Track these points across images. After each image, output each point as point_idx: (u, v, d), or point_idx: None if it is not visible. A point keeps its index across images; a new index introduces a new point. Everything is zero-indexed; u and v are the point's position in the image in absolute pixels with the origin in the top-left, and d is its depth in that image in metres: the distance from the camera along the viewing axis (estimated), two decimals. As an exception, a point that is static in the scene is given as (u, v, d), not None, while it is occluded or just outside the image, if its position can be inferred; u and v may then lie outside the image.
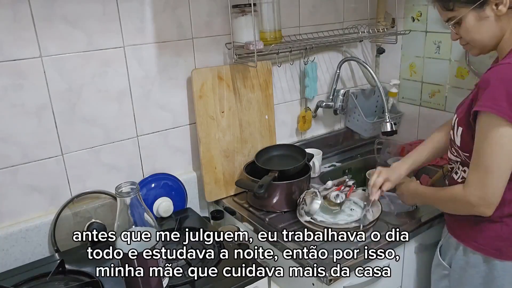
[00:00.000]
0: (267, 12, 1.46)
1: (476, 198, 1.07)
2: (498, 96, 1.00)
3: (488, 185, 1.04)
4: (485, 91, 1.02)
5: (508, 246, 1.13)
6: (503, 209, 1.11)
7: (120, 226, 0.98)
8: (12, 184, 1.25)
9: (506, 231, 1.13)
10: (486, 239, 1.15)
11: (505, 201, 1.10)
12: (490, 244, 1.15)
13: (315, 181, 1.69)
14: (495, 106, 1.00)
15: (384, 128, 1.66)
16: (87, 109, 1.32)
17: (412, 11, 1.83)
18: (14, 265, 1.25)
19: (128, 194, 0.96)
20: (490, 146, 1.02)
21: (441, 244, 1.30)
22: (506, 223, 1.13)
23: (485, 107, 1.02)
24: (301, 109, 1.83)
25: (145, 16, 1.35)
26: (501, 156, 1.02)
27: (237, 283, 1.11)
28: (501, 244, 1.14)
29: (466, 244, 1.19)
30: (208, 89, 1.48)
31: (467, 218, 1.16)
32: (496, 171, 1.03)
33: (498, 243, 1.14)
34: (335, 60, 1.86)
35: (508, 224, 1.13)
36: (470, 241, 1.18)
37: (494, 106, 1.00)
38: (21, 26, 1.16)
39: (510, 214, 1.12)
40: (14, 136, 1.22)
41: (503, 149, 1.01)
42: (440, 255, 1.29)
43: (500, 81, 1.01)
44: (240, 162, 1.60)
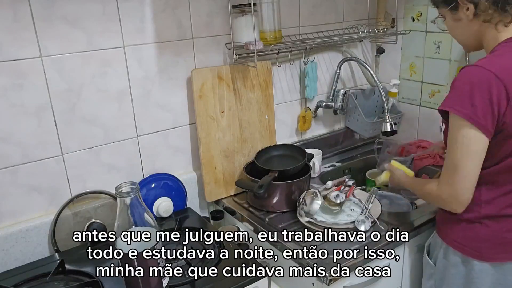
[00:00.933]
0: (267, 12, 1.46)
1: (447, 195, 1.10)
2: (461, 97, 1.03)
3: (456, 183, 1.07)
4: (450, 91, 1.06)
5: (487, 247, 1.15)
6: (480, 210, 1.13)
7: (120, 226, 0.98)
8: (12, 184, 1.25)
9: (485, 232, 1.14)
10: (466, 239, 1.17)
11: (481, 202, 1.13)
12: (470, 244, 1.16)
13: (315, 181, 1.69)
14: (457, 106, 1.03)
15: (384, 128, 1.66)
16: (87, 109, 1.32)
17: (412, 11, 1.83)
18: (14, 265, 1.25)
19: (128, 194, 0.96)
20: (455, 145, 1.05)
21: (429, 243, 1.32)
22: (486, 224, 1.14)
23: (448, 107, 1.05)
24: (301, 109, 1.83)
25: (145, 16, 1.35)
26: (467, 157, 1.04)
27: (237, 283, 1.11)
28: (480, 245, 1.15)
29: (448, 243, 1.21)
30: (208, 89, 1.48)
31: (450, 217, 1.19)
32: (463, 170, 1.05)
33: (477, 244, 1.15)
34: (335, 60, 1.86)
35: (487, 225, 1.14)
36: (451, 241, 1.20)
37: (457, 107, 1.03)
38: (21, 26, 1.16)
39: (487, 216, 1.14)
40: (14, 136, 1.22)
41: (468, 149, 1.04)
42: (428, 254, 1.31)
43: (464, 82, 1.03)
44: (240, 162, 1.60)
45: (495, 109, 1.01)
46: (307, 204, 1.35)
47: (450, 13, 1.13)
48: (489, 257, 1.14)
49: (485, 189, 1.12)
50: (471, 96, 1.01)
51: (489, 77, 1.00)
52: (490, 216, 1.13)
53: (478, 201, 1.12)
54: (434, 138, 1.80)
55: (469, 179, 1.06)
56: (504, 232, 1.14)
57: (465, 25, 1.12)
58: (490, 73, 1.01)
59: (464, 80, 1.04)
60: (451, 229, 1.20)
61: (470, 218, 1.15)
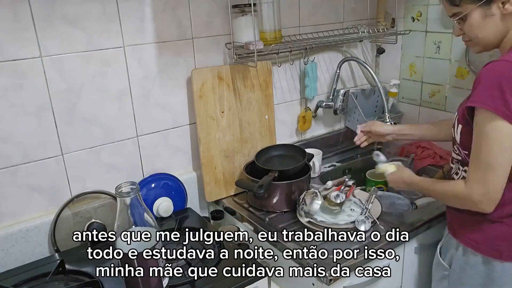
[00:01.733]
0: (267, 12, 1.46)
1: (478, 195, 1.05)
2: (492, 92, 1.00)
3: (489, 182, 1.03)
4: (478, 87, 1.03)
5: (508, 246, 1.13)
6: (503, 209, 1.11)
7: (120, 226, 0.98)
8: (12, 184, 1.25)
9: (506, 232, 1.13)
10: (486, 239, 1.15)
11: (504, 201, 1.10)
12: (490, 244, 1.14)
13: (315, 181, 1.69)
14: (489, 102, 1.00)
15: (384, 128, 1.66)
16: (87, 109, 1.32)
17: (412, 11, 1.83)
18: (14, 265, 1.25)
19: (128, 194, 0.96)
20: (487, 142, 1.02)
21: (441, 244, 1.30)
22: (506, 223, 1.12)
23: (479, 103, 1.02)
24: (301, 109, 1.83)
25: (145, 16, 1.35)
26: (500, 153, 1.01)
27: (237, 283, 1.11)
28: (501, 244, 1.13)
29: (466, 244, 1.19)
30: (208, 89, 1.48)
31: (467, 218, 1.16)
32: (497, 167, 1.02)
33: (498, 243, 1.14)
34: (335, 60, 1.86)
35: (508, 225, 1.12)
36: (470, 241, 1.18)
37: (488, 102, 1.00)
38: (21, 26, 1.16)
39: (510, 214, 1.12)
40: (14, 136, 1.22)
41: (501, 145, 1.01)
42: (440, 255, 1.29)
43: (493, 77, 1.01)
44: (240, 162, 1.60)
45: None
46: (307, 204, 1.35)
47: (480, 9, 1.06)
48: (510, 256, 1.13)
49: (508, 189, 1.07)
50: (502, 91, 0.98)
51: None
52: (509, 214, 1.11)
53: (501, 200, 1.08)
54: (434, 138, 1.80)
55: (503, 176, 1.03)
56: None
57: (496, 21, 1.06)
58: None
59: (492, 75, 1.01)
60: (468, 229, 1.18)
61: (491, 218, 1.12)
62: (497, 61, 1.03)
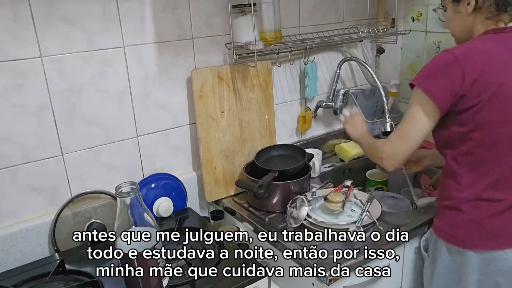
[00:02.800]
0: (267, 12, 1.46)
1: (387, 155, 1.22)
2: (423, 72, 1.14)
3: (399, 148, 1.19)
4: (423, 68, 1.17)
5: (465, 234, 1.17)
6: (460, 195, 1.17)
7: (120, 226, 0.98)
8: (12, 184, 1.25)
9: (463, 218, 1.17)
10: (449, 227, 1.20)
11: (462, 187, 1.16)
12: (452, 232, 1.20)
13: (315, 181, 1.69)
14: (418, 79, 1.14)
15: (384, 128, 1.66)
16: (87, 109, 1.32)
17: (412, 11, 1.83)
18: (14, 265, 1.25)
19: (128, 194, 0.96)
20: (408, 114, 1.17)
21: (426, 237, 1.34)
22: (464, 211, 1.17)
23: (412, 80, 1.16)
24: (301, 109, 1.83)
25: (145, 16, 1.35)
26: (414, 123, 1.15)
27: (237, 283, 1.11)
28: (459, 232, 1.18)
29: (435, 232, 1.25)
30: (208, 89, 1.48)
31: (440, 207, 1.24)
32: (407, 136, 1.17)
33: (457, 231, 1.18)
34: (335, 60, 1.86)
35: (465, 212, 1.17)
36: (437, 230, 1.24)
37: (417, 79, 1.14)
38: (21, 26, 1.16)
39: (467, 199, 1.16)
40: (14, 136, 1.22)
41: (417, 117, 1.14)
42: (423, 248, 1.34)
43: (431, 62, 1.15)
44: (240, 162, 1.60)
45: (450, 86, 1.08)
46: (297, 207, 1.35)
47: (452, 5, 1.20)
48: (472, 245, 1.16)
49: (463, 172, 1.16)
50: (431, 72, 1.12)
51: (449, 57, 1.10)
52: (469, 199, 1.16)
53: (457, 186, 1.17)
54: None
55: (411, 146, 1.17)
56: (482, 219, 1.15)
57: (462, 18, 1.19)
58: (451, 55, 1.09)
59: (431, 61, 1.15)
60: (438, 219, 1.25)
61: (451, 205, 1.19)
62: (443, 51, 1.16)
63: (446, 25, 1.27)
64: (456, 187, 1.18)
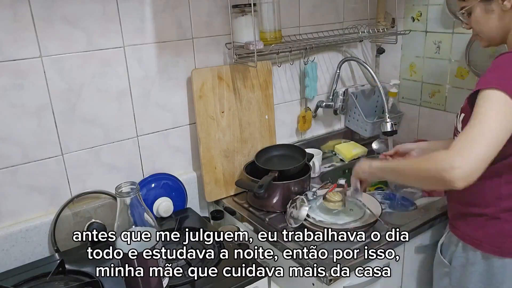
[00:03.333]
0: (267, 12, 1.46)
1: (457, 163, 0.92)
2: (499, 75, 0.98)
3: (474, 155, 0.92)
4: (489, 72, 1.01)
5: (508, 243, 1.13)
6: (501, 204, 1.12)
7: (120, 226, 0.98)
8: (12, 184, 1.25)
9: (506, 228, 1.13)
10: (486, 236, 1.15)
11: (501, 196, 1.11)
12: (490, 241, 1.15)
13: (315, 181, 1.69)
14: (500, 83, 0.96)
15: (384, 128, 1.66)
16: (87, 109, 1.32)
17: (412, 11, 1.83)
18: (14, 265, 1.25)
19: (128, 194, 0.96)
20: (486, 117, 0.95)
21: (442, 242, 1.30)
22: (506, 219, 1.12)
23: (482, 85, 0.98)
24: (301, 109, 1.83)
25: (145, 16, 1.35)
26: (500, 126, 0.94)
27: (237, 283, 1.11)
28: (501, 241, 1.14)
29: (465, 241, 1.19)
30: (208, 89, 1.48)
31: (467, 214, 1.17)
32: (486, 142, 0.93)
33: (498, 240, 1.14)
34: (335, 60, 1.86)
35: (507, 220, 1.12)
36: (469, 238, 1.18)
37: (500, 83, 0.96)
38: (21, 26, 1.16)
39: (507, 209, 1.12)
40: (14, 136, 1.22)
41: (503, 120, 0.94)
42: (441, 253, 1.29)
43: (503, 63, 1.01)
44: (240, 162, 1.60)
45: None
46: (297, 207, 1.35)
47: (482, 4, 1.10)
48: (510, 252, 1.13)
49: (505, 182, 1.09)
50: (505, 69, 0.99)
51: None
52: (508, 209, 1.11)
53: (498, 194, 1.11)
54: (434, 138, 1.80)
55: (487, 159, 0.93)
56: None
57: (496, 17, 1.09)
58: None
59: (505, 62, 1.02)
60: (468, 226, 1.18)
61: (489, 213, 1.13)
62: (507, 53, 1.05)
63: (475, 27, 1.15)
64: (496, 195, 1.11)
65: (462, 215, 1.20)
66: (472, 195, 1.15)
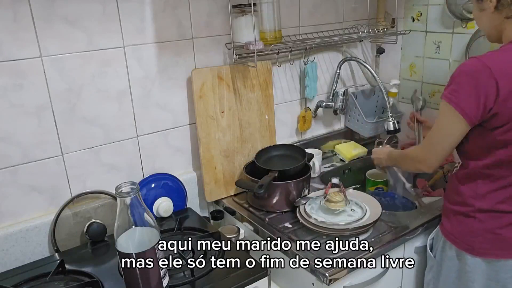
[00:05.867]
0: (267, 12, 1.46)
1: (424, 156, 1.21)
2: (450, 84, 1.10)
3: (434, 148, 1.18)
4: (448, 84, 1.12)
5: (479, 242, 1.17)
6: (474, 204, 1.16)
7: (120, 226, 0.98)
8: (12, 184, 1.25)
9: (478, 227, 1.17)
10: (461, 233, 1.20)
11: (476, 196, 1.16)
12: (464, 239, 1.19)
13: (315, 181, 1.69)
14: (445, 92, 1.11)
15: (388, 127, 1.67)
16: (87, 109, 1.32)
17: (412, 11, 1.83)
18: (14, 265, 1.25)
19: (128, 194, 0.96)
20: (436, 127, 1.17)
21: (432, 237, 1.34)
22: (479, 219, 1.17)
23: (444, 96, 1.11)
24: (301, 109, 1.83)
25: (145, 16, 1.35)
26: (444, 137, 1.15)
27: (237, 283, 1.11)
28: (473, 240, 1.18)
29: (445, 237, 1.24)
30: (208, 89, 1.48)
31: (451, 211, 1.23)
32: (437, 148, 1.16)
33: (470, 239, 1.18)
34: (335, 60, 1.86)
35: (480, 220, 1.16)
36: (448, 234, 1.24)
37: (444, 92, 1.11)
38: (21, 26, 1.16)
39: (482, 209, 1.16)
40: (14, 136, 1.22)
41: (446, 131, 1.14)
42: (430, 248, 1.33)
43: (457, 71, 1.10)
44: (240, 162, 1.60)
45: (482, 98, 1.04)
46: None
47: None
48: (482, 253, 1.17)
49: (481, 183, 1.16)
50: (458, 82, 1.08)
51: (479, 67, 1.04)
52: (484, 210, 1.16)
53: (473, 194, 1.17)
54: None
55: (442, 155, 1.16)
56: (497, 228, 1.15)
57: (487, 15, 1.14)
58: (482, 63, 1.04)
59: (458, 70, 1.10)
60: (449, 222, 1.24)
61: (465, 211, 1.19)
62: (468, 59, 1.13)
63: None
64: (472, 195, 1.17)
65: (447, 212, 1.26)
66: (455, 194, 1.22)
